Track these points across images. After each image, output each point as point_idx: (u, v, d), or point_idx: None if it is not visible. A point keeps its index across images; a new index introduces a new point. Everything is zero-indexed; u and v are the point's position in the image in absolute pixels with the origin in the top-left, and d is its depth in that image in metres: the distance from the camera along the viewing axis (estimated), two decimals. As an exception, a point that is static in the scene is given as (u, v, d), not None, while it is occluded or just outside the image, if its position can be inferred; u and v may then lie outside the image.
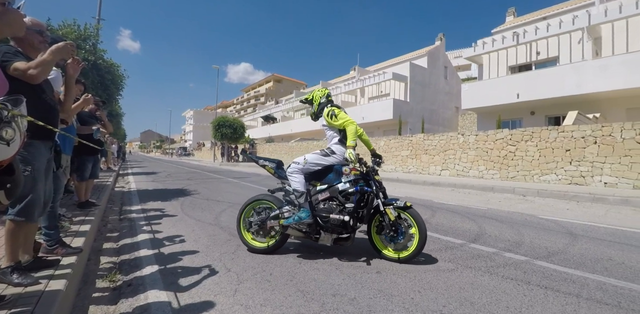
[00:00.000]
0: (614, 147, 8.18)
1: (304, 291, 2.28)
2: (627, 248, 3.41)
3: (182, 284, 2.40)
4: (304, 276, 2.56)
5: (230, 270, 2.69)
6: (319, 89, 3.44)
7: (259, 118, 42.56)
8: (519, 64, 17.22)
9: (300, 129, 31.11)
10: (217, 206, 5.88)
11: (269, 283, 2.42)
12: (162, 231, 4.04)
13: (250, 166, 22.23)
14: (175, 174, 14.15)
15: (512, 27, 19.54)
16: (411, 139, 13.75)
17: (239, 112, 78.07)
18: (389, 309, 2.02)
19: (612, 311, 2.01)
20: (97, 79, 8.47)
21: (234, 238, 3.68)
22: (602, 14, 13.66)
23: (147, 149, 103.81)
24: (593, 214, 5.43)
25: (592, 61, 13.56)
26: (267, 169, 3.26)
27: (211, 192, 7.97)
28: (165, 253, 3.18)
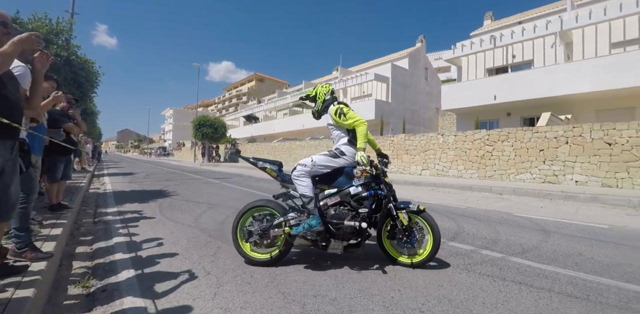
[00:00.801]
0: (584, 147, 8.55)
1: (285, 293, 2.26)
2: (596, 244, 3.57)
3: (159, 289, 2.33)
4: (285, 278, 2.54)
5: (210, 273, 2.64)
6: (322, 84, 3.18)
7: (241, 118, 42.05)
8: (496, 66, 17.74)
9: (282, 129, 30.97)
10: (197, 208, 5.77)
11: (250, 286, 2.39)
12: (139, 234, 3.92)
13: (232, 166, 21.93)
14: (154, 175, 13.78)
15: (489, 31, 20.11)
16: (392, 139, 13.93)
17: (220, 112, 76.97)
18: (370, 309, 2.03)
19: (581, 304, 2.10)
20: (70, 75, 8.13)
21: (214, 240, 3.62)
22: (573, 19, 14.25)
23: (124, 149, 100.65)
24: (565, 211, 5.65)
25: (564, 65, 14.13)
26: (268, 171, 2.95)
27: (191, 193, 7.81)
28: (142, 257, 3.08)
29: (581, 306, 2.07)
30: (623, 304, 2.10)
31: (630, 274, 2.66)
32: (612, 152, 8.11)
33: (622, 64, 12.27)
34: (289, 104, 32.33)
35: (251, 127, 37.43)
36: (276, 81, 76.54)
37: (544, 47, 15.72)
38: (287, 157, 20.76)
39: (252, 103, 52.13)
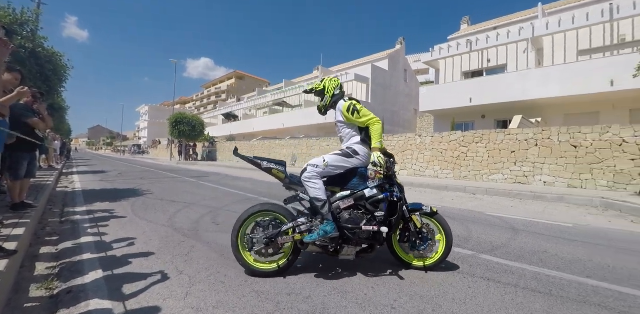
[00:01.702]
0: (552, 149, 8.95)
1: (259, 292, 2.25)
2: (561, 241, 3.75)
3: (128, 290, 2.26)
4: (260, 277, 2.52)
5: (183, 273, 2.58)
6: (329, 78, 2.92)
7: (220, 116, 41.36)
8: (472, 70, 18.28)
9: (262, 127, 30.70)
10: (172, 207, 5.62)
11: (223, 285, 2.36)
12: (109, 234, 3.78)
13: (210, 165, 21.55)
14: (127, 173, 13.33)
15: (466, 35, 20.69)
16: (372, 140, 14.07)
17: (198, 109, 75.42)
18: (343, 306, 2.04)
19: (544, 299, 2.20)
20: (36, 68, 7.72)
21: (188, 240, 3.54)
22: (544, 27, 14.89)
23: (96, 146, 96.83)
24: (533, 210, 5.90)
25: (535, 70, 14.75)
26: (275, 173, 2.63)
27: (166, 192, 7.61)
28: (112, 257, 2.97)
29: (544, 301, 2.17)
30: (582, 298, 2.22)
31: (590, 270, 2.80)
32: (577, 154, 8.53)
33: (588, 71, 12.93)
34: (269, 103, 32.07)
35: (230, 125, 36.91)
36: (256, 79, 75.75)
37: (517, 53, 16.34)
38: (267, 156, 20.58)
39: (231, 101, 51.37)
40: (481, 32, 19.88)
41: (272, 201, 2.90)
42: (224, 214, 5.08)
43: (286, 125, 27.40)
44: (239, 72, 75.51)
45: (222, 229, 4.07)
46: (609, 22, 13.49)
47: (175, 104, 38.15)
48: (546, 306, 2.09)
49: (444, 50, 18.35)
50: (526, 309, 2.04)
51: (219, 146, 27.54)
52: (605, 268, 2.86)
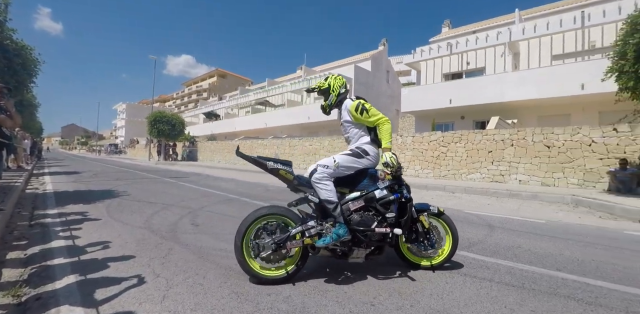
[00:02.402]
0: (526, 149, 9.27)
1: (239, 293, 2.21)
2: (534, 237, 3.88)
3: (102, 295, 2.17)
4: (239, 278, 2.48)
5: (160, 276, 2.51)
6: (333, 76, 2.82)
7: (201, 115, 40.66)
8: (452, 72, 18.70)
9: (244, 127, 30.40)
10: (149, 208, 5.48)
11: (202, 287, 2.31)
12: (82, 237, 3.64)
13: (190, 165, 21.16)
14: (103, 174, 12.90)
15: (447, 38, 21.14)
16: (354, 139, 14.17)
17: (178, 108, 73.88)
18: (323, 305, 2.04)
19: (517, 292, 2.27)
20: (4, 62, 7.35)
21: (166, 242, 3.45)
22: (520, 31, 15.40)
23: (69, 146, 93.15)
24: (509, 208, 6.09)
25: (512, 73, 15.23)
26: (282, 174, 2.45)
27: (143, 193, 7.41)
28: (85, 261, 2.86)
29: (517, 294, 2.24)
30: (552, 290, 2.30)
31: (561, 263, 2.92)
32: (550, 154, 8.87)
33: (560, 74, 13.46)
34: (252, 102, 31.77)
35: (212, 124, 36.36)
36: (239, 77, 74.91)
37: (494, 56, 16.82)
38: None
39: (213, 100, 50.59)
40: (461, 35, 20.36)
41: (278, 204, 2.81)
42: (203, 215, 4.99)
43: (269, 124, 27.23)
44: (221, 70, 74.48)
45: (202, 230, 4.00)
46: (580, 29, 14.09)
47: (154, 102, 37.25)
48: (519, 299, 2.16)
49: (425, 53, 18.68)
50: (500, 303, 2.10)
51: (200, 146, 27.03)
52: (575, 261, 2.99)
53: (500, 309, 2.00)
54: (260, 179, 11.54)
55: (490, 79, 15.74)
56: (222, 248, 3.26)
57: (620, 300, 2.16)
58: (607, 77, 6.23)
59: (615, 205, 5.63)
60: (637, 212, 5.16)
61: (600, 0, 16.42)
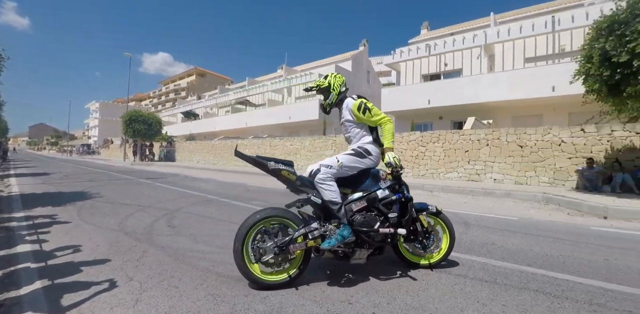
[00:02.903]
0: (501, 149, 9.57)
1: (215, 294, 2.18)
2: (507, 234, 4.02)
3: (70, 300, 2.08)
4: (216, 279, 2.44)
5: (133, 279, 2.44)
6: (333, 74, 2.74)
7: (179, 114, 39.74)
8: (431, 73, 19.09)
9: (224, 126, 29.92)
10: (124, 210, 5.30)
11: (177, 289, 2.26)
12: (50, 241, 3.48)
13: (168, 165, 20.66)
14: (74, 175, 12.39)
15: (425, 40, 21.56)
16: (335, 140, 14.24)
17: (155, 107, 72.01)
18: (300, 304, 2.04)
19: (489, 287, 2.34)
20: (-35, 58, 6.95)
21: (141, 244, 3.35)
22: (495, 34, 15.90)
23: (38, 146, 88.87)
24: (484, 206, 6.27)
25: (487, 75, 15.70)
26: (284, 174, 2.34)
27: (117, 194, 7.17)
28: (53, 266, 2.74)
29: (489, 289, 2.31)
30: (523, 285, 2.39)
31: (531, 258, 3.03)
32: (523, 153, 9.20)
33: (532, 77, 13.98)
34: (232, 101, 31.33)
35: (190, 124, 35.58)
36: (218, 76, 73.70)
37: (471, 58, 17.30)
38: (229, 156, 20.10)
39: (191, 99, 49.57)
40: (439, 37, 20.81)
41: (265, 205, 2.73)
42: (181, 216, 4.88)
43: (249, 124, 26.93)
44: (199, 68, 73.03)
45: (178, 232, 3.91)
46: (551, 33, 14.70)
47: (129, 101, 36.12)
48: (491, 294, 2.22)
49: (404, 54, 18.98)
50: (473, 298, 2.15)
51: (178, 146, 26.40)
52: (544, 256, 3.11)
53: (473, 304, 2.06)
54: (240, 179, 11.40)
55: (466, 80, 16.17)
56: (200, 249, 3.20)
57: (584, 293, 2.27)
58: (574, 79, 6.53)
59: (582, 202, 5.90)
60: (602, 209, 5.43)
61: (570, 6, 17.20)
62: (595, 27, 5.88)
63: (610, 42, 5.40)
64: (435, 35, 22.26)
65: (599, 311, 1.98)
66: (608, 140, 8.14)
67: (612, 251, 3.36)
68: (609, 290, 2.31)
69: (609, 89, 5.80)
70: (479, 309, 2.00)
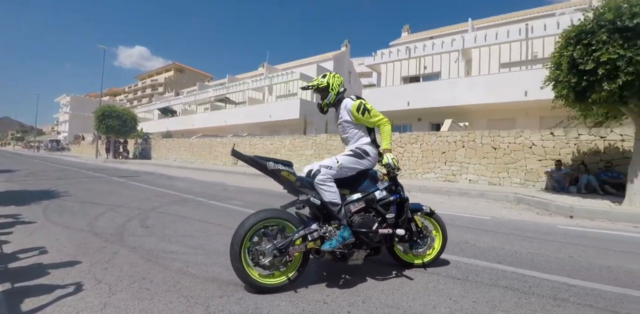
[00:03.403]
0: (476, 150, 9.87)
1: (189, 296, 2.12)
2: (480, 232, 4.14)
3: (32, 305, 1.97)
4: (191, 281, 2.38)
5: (102, 282, 2.34)
6: (331, 74, 2.72)
7: (156, 110, 38.64)
8: (411, 75, 19.44)
9: (202, 124, 29.31)
10: (94, 210, 5.09)
11: (148, 292, 2.19)
12: (12, 242, 3.29)
13: (143, 163, 20.07)
14: (41, 173, 11.80)
15: (406, 42, 21.92)
16: (315, 139, 14.25)
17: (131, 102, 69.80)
18: (275, 305, 2.02)
19: (461, 285, 2.40)
20: None
21: (111, 245, 3.23)
22: (472, 40, 16.37)
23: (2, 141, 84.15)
24: (459, 206, 6.44)
25: (464, 79, 16.16)
26: (285, 175, 2.28)
27: (88, 193, 6.88)
28: (14, 269, 2.58)
29: (461, 286, 2.38)
30: (493, 282, 2.47)
31: (501, 256, 3.14)
32: (496, 155, 9.52)
33: (507, 81, 14.50)
34: (211, 98, 30.77)
35: (167, 121, 34.65)
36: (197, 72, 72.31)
37: (449, 62, 17.74)
38: (207, 155, 19.73)
39: (169, 95, 48.36)
40: (419, 40, 21.22)
41: (258, 206, 2.66)
42: (154, 216, 4.74)
43: (228, 122, 26.53)
44: (178, 64, 71.37)
45: (152, 232, 3.80)
46: (525, 40, 15.28)
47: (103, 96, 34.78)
48: (462, 291, 2.29)
49: (385, 56, 19.24)
50: (445, 295, 2.21)
51: (154, 143, 25.65)
52: (513, 254, 3.23)
53: (445, 302, 2.11)
54: (218, 178, 11.21)
55: (445, 83, 16.58)
56: (174, 250, 3.12)
57: (550, 288, 2.37)
58: (545, 85, 6.79)
59: (550, 202, 6.17)
60: (568, 209, 5.70)
61: (543, 15, 17.97)
62: (564, 36, 6.14)
63: (577, 51, 5.66)
64: (415, 39, 22.69)
65: (562, 306, 2.08)
66: (575, 143, 8.55)
67: (577, 248, 3.53)
68: (572, 285, 2.43)
69: (576, 95, 6.07)
70: (450, 306, 2.05)
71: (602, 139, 8.26)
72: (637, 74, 5.09)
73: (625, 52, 5.12)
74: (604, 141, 8.24)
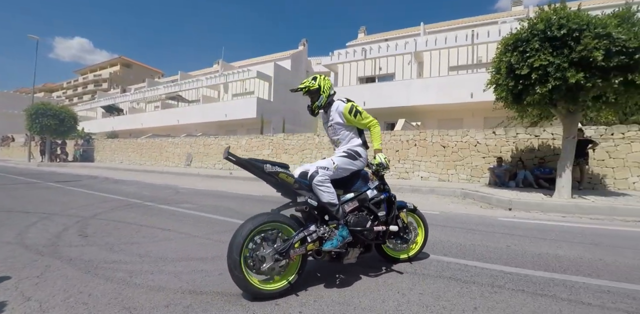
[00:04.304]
0: (427, 149, 10.36)
1: (131, 308, 1.98)
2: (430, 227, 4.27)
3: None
4: (134, 291, 2.23)
5: (31, 299, 2.10)
6: (322, 76, 2.78)
7: (99, 108, 35.85)
8: (366, 76, 19.94)
9: (153, 123, 27.72)
10: (24, 219, 4.57)
11: (86, 306, 2.00)
12: None
13: (85, 166, 18.58)
14: (-38, 176, 10.47)
15: (362, 43, 22.43)
16: (272, 139, 14.10)
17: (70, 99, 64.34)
18: (226, 309, 1.96)
19: (409, 277, 2.49)
20: None
21: (43, 258, 2.92)
22: (424, 43, 17.16)
23: None
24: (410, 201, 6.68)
25: (417, 80, 16.89)
26: (283, 177, 2.25)
27: (17, 201, 6.18)
28: None
29: (409, 279, 2.47)
30: (438, 274, 2.60)
31: (447, 248, 3.33)
32: (445, 153, 10.07)
33: (455, 84, 15.40)
34: (162, 96, 29.21)
35: (113, 120, 32.31)
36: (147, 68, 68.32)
37: (403, 64, 18.45)
38: (158, 156, 18.72)
39: (114, 91, 45.14)
40: (375, 42, 21.82)
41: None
42: (96, 223, 4.39)
43: (181, 121, 25.37)
44: (125, 58, 66.88)
45: (92, 241, 3.50)
46: (471, 45, 16.33)
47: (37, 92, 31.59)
48: (410, 284, 2.38)
49: (342, 56, 19.54)
50: (394, 289, 2.28)
51: (98, 144, 23.78)
52: (458, 246, 3.43)
53: (393, 295, 2.17)
54: (170, 180, 10.70)
55: (399, 84, 17.23)
56: (116, 259, 2.91)
57: (488, 276, 2.54)
58: (487, 88, 7.31)
59: (492, 196, 6.65)
60: (507, 202, 6.18)
61: (487, 23, 19.32)
62: (503, 43, 6.65)
63: (514, 57, 6.16)
64: (371, 40, 23.31)
65: (498, 292, 2.24)
66: (514, 142, 9.30)
67: (513, 238, 3.83)
68: (508, 273, 2.63)
69: (513, 98, 6.60)
70: (398, 299, 2.12)
71: (537, 138, 9.07)
72: (563, 80, 5.64)
73: (554, 59, 5.65)
74: (538, 139, 9.06)
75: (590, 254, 3.19)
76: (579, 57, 5.50)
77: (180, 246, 3.37)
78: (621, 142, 8.20)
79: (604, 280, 2.48)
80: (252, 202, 6.24)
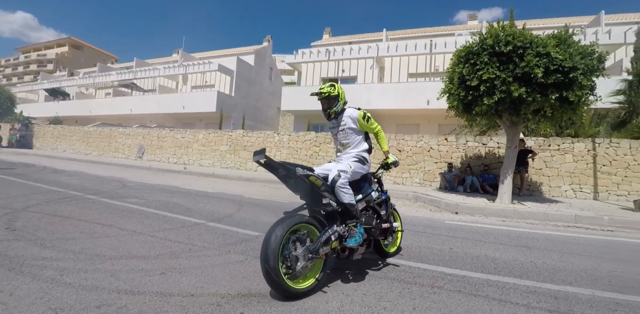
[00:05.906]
0: (384, 152, 10.66)
1: (58, 309, 1.83)
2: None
3: None
4: (63, 290, 2.07)
5: None
6: (338, 85, 2.95)
7: (42, 91, 32.68)
8: (330, 77, 20.08)
9: (103, 111, 25.80)
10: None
11: (5, 307, 1.83)
12: None
13: (22, 153, 16.87)
14: None
15: (327, 44, 22.59)
16: (231, 135, 13.75)
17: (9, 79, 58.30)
18: (164, 311, 1.88)
19: (355, 279, 2.55)
20: None
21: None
22: (386, 49, 17.66)
23: None
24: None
25: (377, 84, 17.35)
26: (312, 180, 2.31)
27: None
28: None
29: (355, 279, 2.53)
30: (383, 275, 2.68)
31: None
32: (401, 157, 10.45)
33: (413, 90, 16.03)
34: (115, 83, 27.28)
35: (57, 104, 29.55)
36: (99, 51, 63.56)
37: (365, 67, 18.83)
38: (107, 146, 17.47)
39: (61, 74, 41.45)
40: (339, 44, 22.07)
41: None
42: (27, 216, 4.01)
43: (135, 111, 23.87)
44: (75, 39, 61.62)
45: (20, 236, 3.20)
46: (429, 54, 17.08)
47: (-35, 69, 28.08)
48: (355, 285, 2.43)
49: (306, 55, 19.52)
50: (339, 290, 2.32)
51: (38, 130, 21.67)
52: (405, 248, 3.56)
53: (337, 296, 2.22)
54: (118, 173, 10.04)
55: (361, 87, 17.57)
56: (47, 256, 2.68)
57: (430, 278, 2.68)
58: (440, 96, 7.69)
59: (441, 200, 7.01)
60: (454, 206, 6.55)
61: (445, 34, 20.33)
62: (456, 55, 7.03)
63: (466, 68, 6.55)
64: (335, 42, 23.53)
65: (437, 293, 2.36)
66: (464, 148, 9.88)
67: (457, 240, 4.07)
68: (448, 274, 2.78)
69: (464, 107, 7.02)
70: (342, 299, 2.16)
71: (484, 146, 9.72)
72: (508, 93, 6.09)
73: (501, 73, 6.08)
74: (485, 147, 9.71)
75: (523, 257, 3.47)
76: (522, 72, 5.97)
77: (121, 243, 3.18)
78: (556, 154, 9.05)
79: (532, 281, 2.72)
80: (206, 200, 6.04)
